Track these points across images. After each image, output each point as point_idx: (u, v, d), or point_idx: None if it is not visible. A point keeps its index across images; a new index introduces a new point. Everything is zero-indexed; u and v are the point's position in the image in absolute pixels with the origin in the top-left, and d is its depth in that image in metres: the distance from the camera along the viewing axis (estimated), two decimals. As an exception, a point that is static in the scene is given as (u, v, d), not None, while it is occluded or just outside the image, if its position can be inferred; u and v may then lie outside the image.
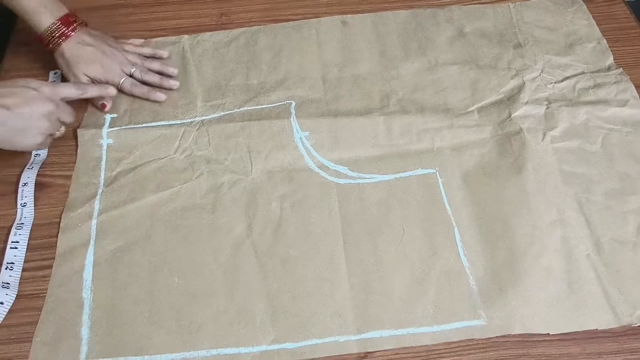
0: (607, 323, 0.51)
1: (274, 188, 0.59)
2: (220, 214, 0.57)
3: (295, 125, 0.64)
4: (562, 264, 0.54)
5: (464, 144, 0.62)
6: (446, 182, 0.59)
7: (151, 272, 0.54)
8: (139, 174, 0.60)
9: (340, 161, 0.61)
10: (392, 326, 0.51)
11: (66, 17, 0.63)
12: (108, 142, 0.63)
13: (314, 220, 0.57)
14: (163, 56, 0.69)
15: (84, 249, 0.55)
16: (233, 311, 0.52)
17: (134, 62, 0.66)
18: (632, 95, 0.66)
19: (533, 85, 0.67)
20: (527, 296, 0.52)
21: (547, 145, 0.61)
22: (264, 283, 0.53)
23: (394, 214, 0.57)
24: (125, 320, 0.51)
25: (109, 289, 0.53)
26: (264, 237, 0.56)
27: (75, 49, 0.63)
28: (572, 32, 0.73)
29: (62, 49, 0.63)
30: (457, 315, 0.51)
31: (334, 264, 0.54)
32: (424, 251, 0.55)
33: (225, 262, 0.54)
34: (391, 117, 0.64)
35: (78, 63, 0.63)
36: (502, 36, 0.73)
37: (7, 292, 0.52)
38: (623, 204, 0.57)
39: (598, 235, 0.55)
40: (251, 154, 0.62)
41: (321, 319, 0.51)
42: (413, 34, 0.73)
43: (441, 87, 0.67)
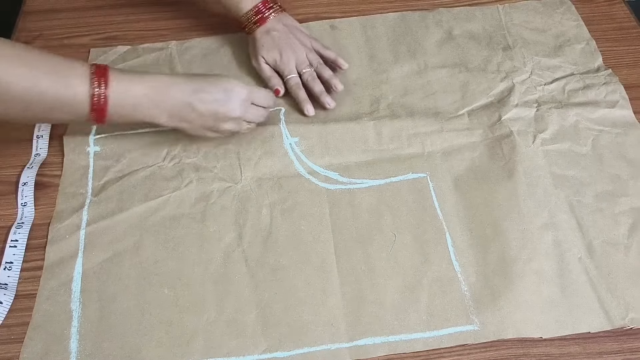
0: (600, 326, 0.50)
1: (264, 195, 0.59)
2: (209, 223, 0.57)
3: (285, 132, 0.63)
4: (554, 267, 0.53)
5: (454, 147, 0.62)
6: (437, 187, 0.59)
7: (140, 284, 0.53)
8: (127, 183, 0.60)
9: (331, 167, 0.61)
10: (385, 333, 0.50)
11: (264, 3, 0.66)
12: (95, 149, 0.62)
13: (305, 227, 0.56)
14: (342, 67, 0.67)
15: (72, 260, 0.54)
16: (224, 321, 0.51)
17: (310, 61, 0.67)
18: (622, 96, 0.66)
19: (523, 87, 0.67)
20: (519, 301, 0.52)
21: (538, 147, 0.61)
22: (255, 292, 0.53)
23: (385, 220, 0.57)
24: (114, 332, 0.50)
25: (98, 301, 0.52)
26: (255, 246, 0.55)
27: (265, 35, 0.66)
28: (561, 33, 0.73)
29: (254, 34, 0.67)
30: (450, 321, 0.51)
31: (325, 272, 0.54)
32: (415, 257, 0.54)
33: (216, 272, 0.54)
34: (381, 121, 0.64)
35: (262, 46, 0.66)
36: (491, 38, 0.73)
37: (5, 292, 0.52)
38: (614, 205, 0.57)
39: (590, 238, 0.55)
40: (240, 161, 0.61)
41: (313, 328, 0.51)
42: (402, 38, 0.73)
43: (431, 91, 0.67)
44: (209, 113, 0.55)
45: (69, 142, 0.63)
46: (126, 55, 0.71)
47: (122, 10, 0.77)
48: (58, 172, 0.61)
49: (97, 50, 0.72)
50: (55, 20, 0.76)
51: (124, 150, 0.62)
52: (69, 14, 0.77)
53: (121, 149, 0.62)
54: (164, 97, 0.54)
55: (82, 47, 0.73)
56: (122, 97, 0.52)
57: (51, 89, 0.49)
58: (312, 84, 0.65)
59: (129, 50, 0.72)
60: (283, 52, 0.65)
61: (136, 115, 0.54)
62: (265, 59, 0.66)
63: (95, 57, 0.71)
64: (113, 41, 0.73)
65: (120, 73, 0.52)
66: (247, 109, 0.57)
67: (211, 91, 0.55)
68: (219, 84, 0.56)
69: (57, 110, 0.51)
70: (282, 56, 0.65)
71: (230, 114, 0.56)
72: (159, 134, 0.63)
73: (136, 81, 0.53)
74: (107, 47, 0.72)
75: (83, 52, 0.72)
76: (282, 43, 0.66)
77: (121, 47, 0.72)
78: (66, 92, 0.50)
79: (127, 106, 0.53)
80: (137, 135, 0.63)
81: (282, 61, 0.66)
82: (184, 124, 0.56)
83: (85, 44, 0.73)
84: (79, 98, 0.50)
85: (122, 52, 0.72)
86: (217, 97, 0.55)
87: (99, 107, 0.51)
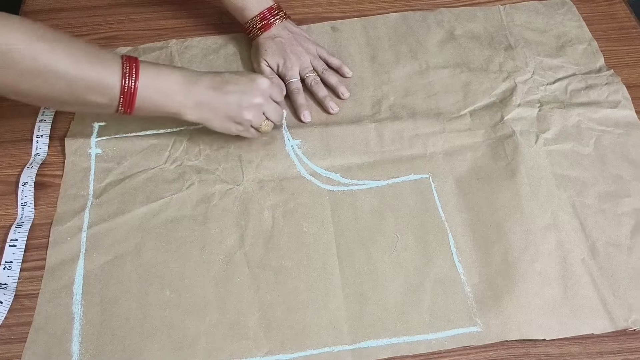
0: (603, 327, 0.50)
1: (266, 197, 0.58)
2: (211, 225, 0.56)
3: (287, 134, 0.63)
4: (557, 268, 0.53)
5: (456, 148, 0.62)
6: (439, 188, 0.59)
7: (142, 286, 0.53)
8: (128, 185, 0.59)
9: (332, 168, 0.61)
10: (387, 335, 0.50)
11: (269, 10, 0.67)
12: (97, 151, 0.62)
13: (307, 229, 0.56)
14: (346, 75, 0.68)
15: (74, 262, 0.54)
16: (226, 324, 0.51)
17: (315, 68, 0.67)
18: (624, 97, 0.65)
19: (525, 87, 0.67)
20: (522, 302, 0.51)
21: (540, 148, 0.61)
22: (257, 295, 0.52)
23: (387, 222, 0.57)
24: (116, 335, 0.50)
25: (99, 303, 0.52)
26: (256, 248, 0.55)
27: (269, 40, 0.67)
28: (562, 33, 0.72)
29: (259, 39, 0.67)
30: (453, 323, 0.51)
31: (328, 273, 0.54)
32: (418, 259, 0.54)
33: (218, 274, 0.54)
34: (382, 124, 0.64)
35: (266, 51, 0.66)
36: (492, 38, 0.72)
37: (5, 292, 0.52)
38: (616, 206, 0.57)
39: (593, 239, 0.55)
40: (242, 164, 0.61)
41: (315, 330, 0.50)
42: (403, 38, 0.72)
43: (433, 91, 0.67)
44: (234, 100, 0.56)
45: (71, 144, 0.62)
46: (126, 56, 0.71)
47: (122, 10, 0.77)
48: (58, 172, 0.61)
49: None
50: (55, 20, 0.75)
51: (126, 152, 0.62)
52: (69, 14, 0.76)
53: (123, 151, 0.62)
54: (193, 86, 0.55)
55: (82, 47, 0.72)
56: (150, 87, 0.53)
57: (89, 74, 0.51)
58: (317, 88, 0.65)
59: (129, 50, 0.72)
60: (287, 58, 0.66)
61: (164, 105, 0.55)
62: (269, 63, 0.66)
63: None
64: (113, 41, 0.73)
65: (149, 65, 0.54)
66: (268, 101, 0.58)
67: (237, 80, 0.57)
68: (244, 74, 0.59)
69: (93, 93, 0.52)
70: (286, 62, 0.66)
71: (254, 100, 0.57)
72: (160, 137, 0.63)
73: (165, 72, 0.55)
74: (107, 47, 0.72)
75: (83, 53, 0.71)
76: (286, 49, 0.66)
77: (121, 49, 0.72)
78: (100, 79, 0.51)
79: (154, 96, 0.54)
80: (139, 138, 0.63)
81: (286, 66, 0.66)
82: (208, 114, 0.56)
83: (85, 45, 0.73)
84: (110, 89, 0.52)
85: (122, 53, 0.71)
86: (242, 85, 0.57)
87: (128, 98, 0.52)
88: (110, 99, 0.52)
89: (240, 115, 0.57)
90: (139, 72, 0.52)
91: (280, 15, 0.67)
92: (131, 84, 0.52)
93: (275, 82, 0.66)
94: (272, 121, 0.59)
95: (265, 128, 0.59)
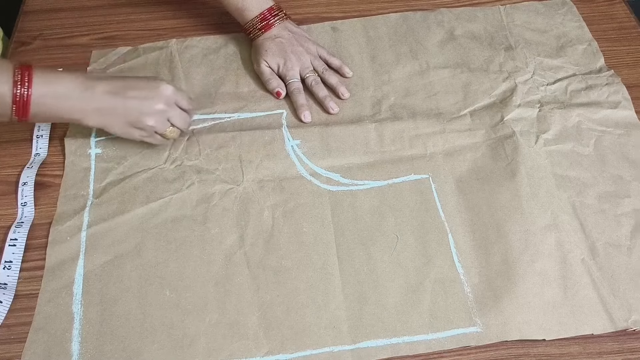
0: (603, 328, 0.50)
1: (266, 197, 0.58)
2: (211, 225, 0.56)
3: (287, 134, 0.63)
4: (556, 268, 0.53)
5: (456, 148, 0.62)
6: (439, 188, 0.59)
7: (142, 286, 0.53)
8: (128, 185, 0.59)
9: (332, 168, 0.61)
10: (387, 335, 0.50)
11: (269, 10, 0.67)
12: (97, 151, 0.62)
13: (307, 229, 0.56)
14: (346, 75, 0.68)
15: (74, 262, 0.54)
16: (226, 324, 0.51)
17: (315, 68, 0.67)
18: (624, 97, 0.65)
19: (525, 87, 0.67)
20: (522, 302, 0.51)
21: (540, 148, 0.61)
22: (257, 295, 0.52)
23: (387, 222, 0.57)
24: (116, 335, 0.50)
25: (99, 303, 0.52)
26: (256, 248, 0.55)
27: (270, 41, 0.66)
28: (562, 34, 0.72)
29: (258, 40, 0.67)
30: (453, 323, 0.51)
31: (328, 273, 0.54)
32: (418, 259, 0.54)
33: (217, 274, 0.54)
34: (383, 124, 0.64)
35: (266, 51, 0.66)
36: (493, 39, 0.72)
37: (5, 292, 0.52)
38: (616, 207, 0.57)
39: (592, 240, 0.55)
40: (242, 164, 0.61)
41: (315, 330, 0.50)
42: (404, 38, 0.72)
43: (433, 92, 0.67)
44: (134, 105, 0.56)
45: (70, 144, 0.62)
46: (127, 56, 0.71)
47: (122, 10, 0.77)
48: (58, 172, 0.61)
49: (98, 52, 0.72)
50: (55, 20, 0.76)
51: (125, 152, 0.62)
52: (69, 14, 0.76)
53: (122, 151, 0.62)
54: (92, 91, 0.54)
55: (82, 47, 0.72)
56: (46, 94, 0.53)
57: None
58: (317, 89, 0.65)
59: (129, 50, 0.72)
60: (287, 58, 0.66)
61: (62, 111, 0.54)
62: (269, 63, 0.66)
63: (97, 58, 0.71)
64: (113, 41, 0.73)
65: (44, 71, 0.53)
66: (172, 107, 0.57)
67: (138, 86, 0.56)
68: (146, 80, 0.58)
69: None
70: (287, 62, 0.66)
71: (155, 107, 0.56)
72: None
73: (62, 79, 0.54)
74: (107, 48, 0.72)
75: (83, 52, 0.71)
76: (287, 49, 0.66)
77: (122, 48, 0.72)
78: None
79: (51, 103, 0.53)
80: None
81: (286, 66, 0.66)
82: (109, 120, 0.56)
83: (85, 44, 0.73)
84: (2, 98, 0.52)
85: (122, 52, 0.71)
86: (144, 91, 0.56)
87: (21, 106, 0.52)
88: (3, 107, 0.52)
89: (142, 121, 0.56)
90: (31, 79, 0.52)
91: (280, 16, 0.67)
92: (23, 92, 0.52)
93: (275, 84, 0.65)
94: (177, 128, 0.59)
95: (170, 135, 0.59)
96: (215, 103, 0.66)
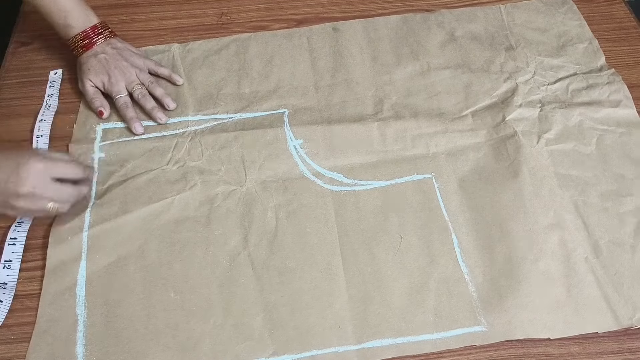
0: (608, 326, 0.50)
1: (269, 198, 0.58)
2: (215, 227, 0.56)
3: (289, 134, 0.63)
4: (560, 267, 0.53)
5: (459, 148, 0.62)
6: (442, 188, 0.59)
7: (146, 288, 0.53)
8: (130, 186, 0.59)
9: (335, 168, 0.61)
10: (392, 335, 0.50)
11: (92, 29, 0.66)
12: (100, 156, 0.62)
13: (310, 230, 0.56)
14: (177, 82, 0.68)
15: (76, 263, 0.54)
16: (231, 325, 0.51)
17: (142, 81, 0.66)
18: (625, 96, 0.66)
19: (526, 87, 0.67)
20: (526, 301, 0.51)
21: (542, 148, 0.61)
22: (262, 295, 0.52)
23: (390, 222, 0.57)
24: (120, 337, 0.50)
25: (103, 305, 0.52)
26: (260, 249, 0.55)
27: (92, 59, 0.65)
28: (563, 33, 0.73)
29: (81, 58, 0.66)
30: (458, 323, 0.51)
31: (332, 274, 0.53)
32: (422, 259, 0.54)
33: (222, 276, 0.53)
34: (385, 123, 0.64)
35: (89, 70, 0.65)
36: (493, 39, 0.72)
37: (4, 291, 0.52)
38: (619, 205, 0.57)
39: (595, 238, 0.55)
40: (245, 164, 0.61)
41: (320, 330, 0.50)
42: (404, 39, 0.73)
43: (434, 92, 0.67)
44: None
45: (75, 149, 0.62)
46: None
47: (122, 10, 0.77)
48: (58, 172, 0.61)
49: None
50: (55, 21, 0.75)
51: (128, 156, 0.62)
52: (69, 15, 0.76)
53: (125, 154, 0.62)
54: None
55: (82, 48, 0.72)
56: None
57: None
58: (143, 101, 0.65)
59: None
60: (111, 74, 0.65)
61: None
62: (93, 82, 0.65)
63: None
64: (113, 42, 0.73)
65: None
66: (47, 185, 0.51)
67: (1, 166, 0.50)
68: (11, 157, 0.51)
69: None
70: (111, 78, 0.65)
71: (20, 190, 0.50)
72: (163, 139, 0.63)
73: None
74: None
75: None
76: (110, 65, 0.65)
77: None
78: None
79: None
80: (142, 140, 0.63)
81: (110, 82, 0.65)
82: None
83: (85, 45, 0.73)
84: None
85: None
86: (6, 171, 0.50)
87: None
88: None
89: (11, 204, 0.51)
90: None
91: (104, 34, 0.66)
92: None
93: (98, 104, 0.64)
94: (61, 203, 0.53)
95: (55, 211, 0.52)
96: (217, 104, 0.66)
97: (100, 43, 0.66)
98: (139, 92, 0.65)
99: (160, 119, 0.64)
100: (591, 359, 0.49)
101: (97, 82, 0.65)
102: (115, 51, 0.66)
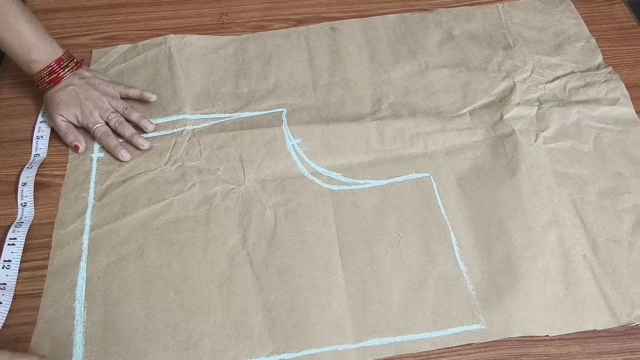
0: (606, 323, 0.51)
1: (268, 197, 0.58)
2: (214, 226, 0.56)
3: (287, 133, 0.63)
4: (558, 265, 0.54)
5: (457, 147, 0.62)
6: (440, 186, 0.59)
7: (145, 288, 0.53)
8: (130, 187, 0.59)
9: (334, 167, 0.61)
10: (391, 334, 0.50)
11: (57, 62, 0.62)
12: (99, 155, 0.62)
13: (309, 228, 0.56)
14: (150, 99, 0.65)
15: (76, 265, 0.54)
16: (230, 324, 0.51)
17: (115, 109, 0.64)
18: (622, 94, 0.66)
19: (524, 86, 0.67)
20: (525, 299, 0.52)
21: (540, 146, 0.62)
22: (261, 294, 0.52)
23: (389, 221, 0.57)
24: (120, 337, 0.50)
25: (103, 305, 0.52)
26: (259, 248, 0.55)
27: (61, 92, 0.62)
28: (560, 31, 0.73)
29: (49, 93, 0.63)
30: (456, 321, 0.51)
31: (331, 273, 0.54)
32: (420, 257, 0.54)
33: (221, 275, 0.54)
34: (383, 122, 0.64)
35: (58, 105, 0.62)
36: (491, 38, 0.73)
37: (4, 292, 0.52)
38: (617, 203, 0.58)
39: (593, 236, 0.55)
40: (243, 163, 0.61)
41: (319, 329, 0.51)
42: (402, 38, 0.73)
43: (432, 91, 0.67)
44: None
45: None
46: (127, 54, 0.71)
47: (122, 10, 0.77)
48: (58, 171, 0.61)
49: (98, 50, 0.72)
50: (55, 20, 0.75)
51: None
52: (69, 14, 0.76)
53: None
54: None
55: (82, 46, 0.72)
56: None
57: None
58: (121, 129, 0.62)
59: (129, 48, 0.72)
60: (84, 106, 0.62)
61: None
62: (65, 116, 0.62)
63: (97, 58, 0.71)
64: (113, 41, 0.73)
65: None
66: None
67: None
68: None
69: None
70: (84, 110, 0.62)
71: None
72: (162, 140, 0.63)
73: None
74: (108, 47, 0.72)
75: (83, 52, 0.71)
76: (80, 97, 0.62)
77: (121, 46, 0.72)
78: None
79: None
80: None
81: (84, 115, 0.62)
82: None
83: (85, 44, 0.73)
84: None
85: (122, 51, 0.71)
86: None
87: None
88: None
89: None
90: None
91: (70, 67, 0.63)
92: None
93: (72, 138, 0.61)
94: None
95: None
96: (215, 103, 0.66)
97: (67, 77, 0.63)
98: (115, 121, 0.63)
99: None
100: (591, 358, 0.49)
101: (69, 116, 0.62)
102: (83, 81, 0.63)
